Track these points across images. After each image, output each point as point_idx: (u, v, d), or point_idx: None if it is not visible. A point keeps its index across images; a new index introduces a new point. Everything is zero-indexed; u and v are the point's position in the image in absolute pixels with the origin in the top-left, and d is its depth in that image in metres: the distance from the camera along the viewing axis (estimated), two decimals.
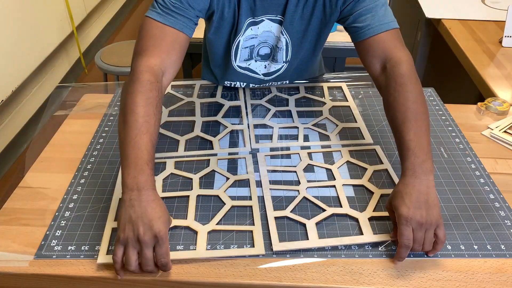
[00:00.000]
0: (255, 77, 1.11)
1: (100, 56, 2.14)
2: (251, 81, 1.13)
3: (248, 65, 1.08)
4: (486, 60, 1.45)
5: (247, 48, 1.03)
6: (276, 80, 1.14)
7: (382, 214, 0.81)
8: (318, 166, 0.94)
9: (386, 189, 0.87)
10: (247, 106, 1.12)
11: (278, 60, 1.06)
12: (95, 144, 1.00)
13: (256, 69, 1.09)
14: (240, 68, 1.08)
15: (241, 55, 1.04)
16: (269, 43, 1.03)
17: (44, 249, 0.76)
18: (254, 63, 1.08)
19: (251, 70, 1.09)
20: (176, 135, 1.03)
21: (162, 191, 0.88)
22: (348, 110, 1.12)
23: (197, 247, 0.75)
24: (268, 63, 1.08)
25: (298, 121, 1.07)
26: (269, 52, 1.05)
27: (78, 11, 2.85)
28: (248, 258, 0.75)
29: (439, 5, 1.86)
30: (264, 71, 1.10)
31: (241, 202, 0.85)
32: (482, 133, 1.04)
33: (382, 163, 0.94)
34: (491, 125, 1.06)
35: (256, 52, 1.05)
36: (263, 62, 1.07)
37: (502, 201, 0.85)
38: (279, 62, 1.07)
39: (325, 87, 1.20)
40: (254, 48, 1.03)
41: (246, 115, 1.09)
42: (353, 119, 1.08)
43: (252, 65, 1.08)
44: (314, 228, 0.79)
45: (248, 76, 1.11)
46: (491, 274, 0.72)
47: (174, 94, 1.16)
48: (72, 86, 1.23)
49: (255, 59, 1.06)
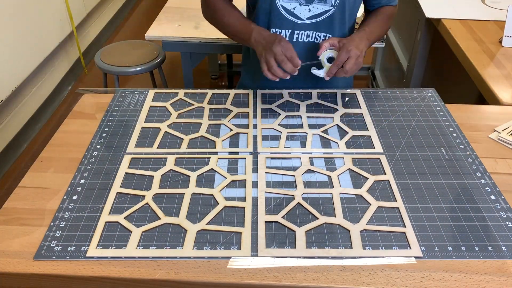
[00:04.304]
0: (299, 23, 1.13)
1: (100, 56, 2.13)
2: (296, 27, 1.14)
3: (292, 8, 1.10)
4: (486, 60, 1.45)
5: None
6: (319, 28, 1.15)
7: (375, 228, 0.80)
8: (318, 172, 0.93)
9: (384, 201, 0.85)
10: (257, 110, 1.12)
11: (327, 1, 1.10)
12: (95, 144, 1.00)
13: (300, 14, 1.12)
14: (284, 10, 1.11)
15: None
16: None
17: (44, 250, 0.76)
18: (298, 7, 1.10)
19: (295, 15, 1.12)
20: (181, 134, 1.03)
21: (159, 187, 0.88)
22: (361, 117, 1.10)
23: (184, 246, 0.76)
24: (313, 6, 1.10)
25: (307, 127, 1.06)
26: None
27: (78, 10, 2.85)
28: (249, 258, 0.75)
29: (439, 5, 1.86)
30: (309, 14, 1.12)
31: (234, 203, 0.85)
32: (489, 136, 1.03)
33: (385, 174, 0.92)
34: (498, 128, 1.05)
35: None
36: (307, 6, 1.10)
37: (503, 202, 0.85)
38: (327, 3, 1.10)
39: (338, 94, 1.18)
40: None
41: (254, 119, 1.08)
42: (365, 127, 1.06)
43: (296, 9, 1.11)
44: (303, 236, 0.78)
45: (292, 22, 1.14)
46: (491, 274, 0.72)
47: (185, 100, 1.16)
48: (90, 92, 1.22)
49: (299, 2, 1.09)
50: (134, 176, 0.91)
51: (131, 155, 0.97)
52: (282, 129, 1.05)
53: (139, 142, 1.01)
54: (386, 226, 0.80)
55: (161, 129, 1.05)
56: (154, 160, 0.96)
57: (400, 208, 0.84)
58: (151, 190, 0.88)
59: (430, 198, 0.86)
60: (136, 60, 2.11)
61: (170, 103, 1.14)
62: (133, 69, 2.07)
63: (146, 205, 0.84)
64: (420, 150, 0.98)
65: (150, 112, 1.11)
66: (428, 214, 0.83)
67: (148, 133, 1.04)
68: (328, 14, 1.12)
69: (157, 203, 0.85)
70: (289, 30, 1.15)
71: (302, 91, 1.19)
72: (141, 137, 1.03)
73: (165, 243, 0.77)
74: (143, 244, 0.77)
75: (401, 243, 0.77)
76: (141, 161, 0.95)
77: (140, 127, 1.05)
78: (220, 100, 1.16)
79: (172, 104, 1.15)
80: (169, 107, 1.13)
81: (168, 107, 1.13)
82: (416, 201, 0.85)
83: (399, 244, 0.77)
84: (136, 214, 0.83)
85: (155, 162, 0.95)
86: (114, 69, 2.06)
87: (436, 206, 0.84)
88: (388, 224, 0.81)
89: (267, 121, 1.08)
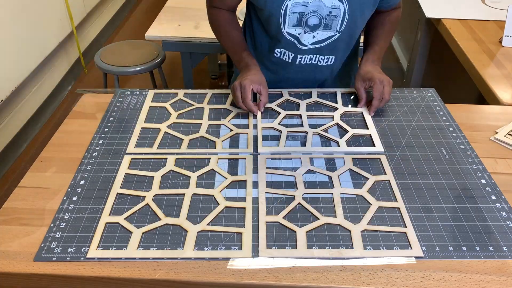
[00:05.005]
0: (303, 48, 1.14)
1: (100, 56, 2.13)
2: (300, 52, 1.15)
3: (298, 34, 1.11)
4: (486, 60, 1.45)
5: (296, 14, 1.07)
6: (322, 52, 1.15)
7: (376, 229, 0.80)
8: (318, 172, 0.93)
9: (385, 201, 0.85)
10: None
11: (332, 27, 1.09)
12: (95, 144, 1.00)
13: (305, 41, 1.12)
14: (290, 36, 1.11)
15: (290, 20, 1.07)
16: (318, 13, 1.06)
17: (44, 251, 0.75)
18: (303, 34, 1.10)
19: (299, 41, 1.12)
20: (181, 135, 1.03)
21: (159, 188, 0.88)
22: (361, 117, 1.10)
23: (185, 247, 0.76)
24: (317, 33, 1.10)
25: (307, 126, 1.06)
26: (318, 23, 1.08)
27: (78, 10, 2.84)
28: (249, 258, 0.74)
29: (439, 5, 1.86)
30: (313, 41, 1.12)
31: (235, 204, 0.85)
32: (490, 138, 1.03)
33: (385, 174, 0.92)
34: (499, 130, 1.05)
35: (305, 21, 1.07)
36: (311, 33, 1.10)
37: (503, 202, 0.85)
38: (332, 30, 1.10)
39: (338, 93, 1.18)
40: (304, 15, 1.07)
41: (253, 120, 1.08)
42: (365, 126, 1.07)
43: (301, 35, 1.11)
44: (304, 236, 0.78)
45: (296, 47, 1.14)
46: (491, 274, 0.72)
47: (185, 100, 1.16)
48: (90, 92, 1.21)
49: (304, 29, 1.09)
50: (134, 176, 0.91)
51: (131, 156, 0.96)
52: (282, 128, 1.05)
53: (139, 142, 1.01)
54: (387, 226, 0.80)
55: (161, 130, 1.05)
56: (154, 161, 0.95)
57: (401, 208, 0.84)
58: (151, 190, 0.88)
59: (430, 198, 0.86)
60: (136, 60, 2.10)
61: (170, 104, 1.14)
62: (133, 69, 2.07)
63: (147, 206, 0.84)
64: (420, 150, 0.98)
65: (150, 113, 1.11)
66: (429, 214, 0.83)
67: (148, 134, 1.04)
68: (332, 39, 1.12)
69: (158, 204, 0.85)
70: (292, 53, 1.16)
71: (302, 90, 1.19)
72: (141, 137, 1.02)
73: (165, 244, 0.77)
74: (144, 245, 0.77)
75: (402, 243, 0.77)
76: (141, 162, 0.95)
77: (140, 128, 1.05)
78: (220, 100, 1.16)
79: (172, 104, 1.15)
80: (169, 107, 1.13)
81: (168, 107, 1.13)
82: (417, 201, 0.85)
83: (400, 244, 0.77)
84: (137, 215, 0.83)
85: (155, 162, 0.95)
86: (114, 69, 2.06)
87: (436, 206, 0.84)
88: (389, 224, 0.81)
89: (267, 120, 1.08)
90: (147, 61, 2.10)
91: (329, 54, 1.16)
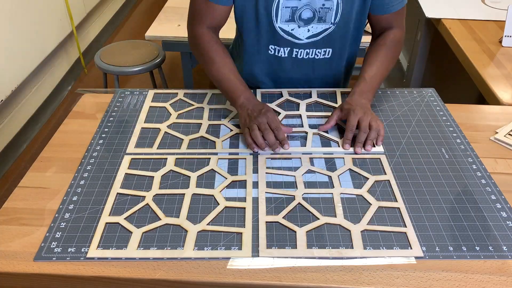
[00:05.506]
0: (299, 43, 1.13)
1: (100, 56, 2.13)
2: (295, 46, 1.14)
3: (291, 30, 1.09)
4: (486, 60, 1.45)
5: (288, 8, 1.05)
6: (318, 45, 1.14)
7: (376, 228, 0.80)
8: (318, 172, 0.93)
9: (385, 201, 0.85)
10: None
11: (326, 20, 1.08)
12: (95, 144, 1.00)
13: (299, 35, 1.11)
14: (283, 31, 1.10)
15: (282, 15, 1.07)
16: (312, 6, 1.05)
17: (44, 251, 0.75)
18: (297, 29, 1.09)
19: (294, 36, 1.11)
20: (181, 135, 1.03)
21: (159, 188, 0.88)
22: None
23: (185, 247, 0.76)
24: (312, 26, 1.09)
25: (307, 126, 1.06)
26: (312, 16, 1.07)
27: (78, 10, 2.85)
28: (249, 258, 0.74)
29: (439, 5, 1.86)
30: (308, 34, 1.11)
31: (235, 204, 0.85)
32: (490, 138, 1.03)
33: (385, 174, 0.92)
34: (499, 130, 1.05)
35: (298, 15, 1.06)
36: (306, 26, 1.09)
37: (503, 202, 0.85)
38: (327, 22, 1.09)
39: (338, 93, 1.18)
40: (296, 10, 1.06)
41: None
42: None
43: (295, 30, 1.10)
44: (304, 236, 0.78)
45: (291, 42, 1.12)
46: (491, 274, 0.72)
47: (185, 100, 1.16)
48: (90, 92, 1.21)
49: (298, 24, 1.08)
50: (134, 176, 0.91)
51: (131, 156, 0.96)
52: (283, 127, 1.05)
53: (139, 142, 1.01)
54: (387, 226, 0.80)
55: (161, 130, 1.05)
56: (154, 161, 0.96)
57: (401, 208, 0.84)
58: (151, 190, 0.88)
59: (430, 198, 0.86)
60: (136, 60, 2.10)
61: (169, 104, 1.14)
62: (133, 69, 2.07)
63: (147, 206, 0.84)
64: (420, 150, 0.98)
65: (149, 113, 1.11)
66: (429, 214, 0.83)
67: (148, 134, 1.04)
68: (327, 32, 1.11)
69: (158, 204, 0.85)
70: (288, 48, 1.14)
71: (302, 90, 1.19)
72: (141, 137, 1.02)
73: (165, 244, 0.77)
74: (144, 245, 0.77)
75: (402, 243, 0.77)
76: (141, 162, 0.95)
77: (140, 128, 1.05)
78: (220, 100, 1.16)
79: (172, 104, 1.15)
80: (168, 107, 1.13)
81: (167, 107, 1.13)
82: (417, 201, 0.85)
83: (400, 244, 0.77)
84: (137, 215, 0.83)
85: (155, 162, 0.95)
86: (114, 69, 2.06)
87: (436, 206, 0.84)
88: (389, 224, 0.81)
89: None
90: (147, 61, 2.10)
91: (325, 47, 1.15)
